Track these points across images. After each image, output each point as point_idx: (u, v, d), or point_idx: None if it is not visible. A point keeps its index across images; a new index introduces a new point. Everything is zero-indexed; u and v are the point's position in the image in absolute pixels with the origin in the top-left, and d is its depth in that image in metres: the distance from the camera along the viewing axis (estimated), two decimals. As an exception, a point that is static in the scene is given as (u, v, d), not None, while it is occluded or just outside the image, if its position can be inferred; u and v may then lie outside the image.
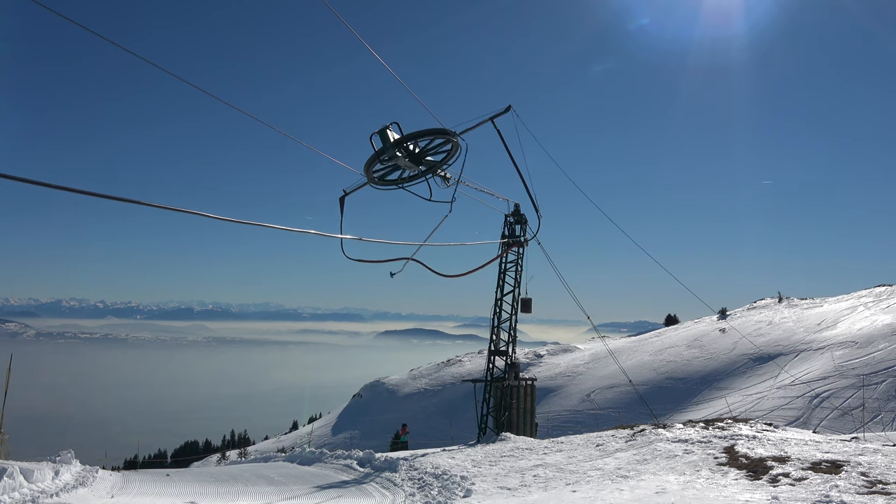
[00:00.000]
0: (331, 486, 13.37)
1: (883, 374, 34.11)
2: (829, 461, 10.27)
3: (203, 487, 12.68)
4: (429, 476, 12.62)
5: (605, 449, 14.49)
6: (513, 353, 21.37)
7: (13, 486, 9.55)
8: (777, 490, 8.67)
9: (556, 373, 59.46)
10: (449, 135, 13.20)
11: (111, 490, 11.60)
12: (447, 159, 14.02)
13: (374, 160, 13.07)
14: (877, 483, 8.46)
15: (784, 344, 46.94)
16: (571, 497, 9.51)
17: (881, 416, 29.29)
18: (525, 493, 10.63)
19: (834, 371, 36.66)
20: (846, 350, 40.04)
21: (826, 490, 8.24)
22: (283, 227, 8.67)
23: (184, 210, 6.86)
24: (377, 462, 15.25)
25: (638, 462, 12.42)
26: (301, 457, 18.10)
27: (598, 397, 50.04)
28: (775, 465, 10.33)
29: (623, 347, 61.99)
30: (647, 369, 52.15)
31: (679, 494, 8.85)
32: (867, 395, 31.20)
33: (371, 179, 13.95)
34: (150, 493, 11.77)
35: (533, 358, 66.24)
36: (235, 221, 7.70)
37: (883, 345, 38.44)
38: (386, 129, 12.63)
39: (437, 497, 10.81)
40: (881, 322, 43.30)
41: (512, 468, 13.10)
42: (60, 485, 10.73)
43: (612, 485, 10.31)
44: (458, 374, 66.27)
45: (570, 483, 11.05)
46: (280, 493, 12.28)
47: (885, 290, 53.85)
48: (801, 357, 42.98)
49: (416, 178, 13.98)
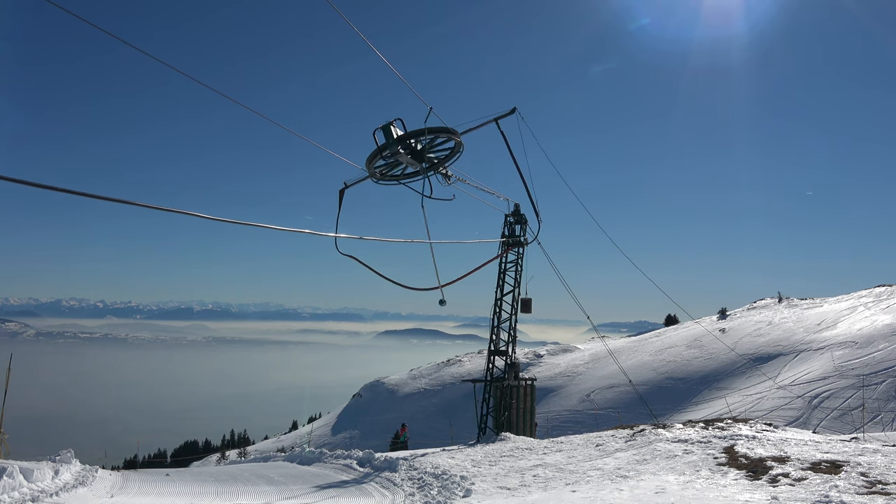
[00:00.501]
0: (330, 485, 13.37)
1: (883, 375, 34.11)
2: (829, 461, 10.27)
3: (203, 487, 12.68)
4: (428, 476, 12.62)
5: (604, 449, 14.49)
6: (512, 353, 21.37)
7: (13, 485, 9.55)
8: (777, 490, 8.68)
9: (555, 373, 59.45)
10: (451, 133, 13.23)
11: (111, 490, 11.60)
12: (449, 157, 14.05)
13: (376, 155, 13.09)
14: (876, 483, 8.46)
15: (784, 344, 46.93)
16: (571, 497, 9.51)
17: (881, 417, 29.29)
18: (525, 493, 10.63)
19: (834, 371, 36.65)
20: (846, 350, 40.03)
21: (826, 490, 8.25)
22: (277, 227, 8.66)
23: (179, 211, 6.87)
24: (377, 462, 15.25)
25: (638, 462, 12.42)
26: (301, 457, 18.11)
27: (597, 397, 50.04)
28: (775, 465, 10.33)
29: (623, 347, 61.98)
30: (646, 369, 52.14)
31: (679, 494, 8.85)
32: (867, 396, 31.20)
33: (372, 174, 13.97)
34: (150, 492, 11.77)
35: (533, 358, 66.23)
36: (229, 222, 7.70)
37: (883, 345, 38.44)
38: (390, 125, 12.66)
39: (436, 497, 10.81)
40: (881, 322, 43.30)
41: (512, 468, 13.10)
42: (60, 484, 10.73)
43: (611, 485, 10.31)
44: (458, 374, 66.27)
45: (569, 483, 11.05)
46: (280, 493, 12.28)
47: (884, 290, 53.84)
48: (800, 357, 42.97)
49: (417, 174, 14.00)
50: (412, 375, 72.84)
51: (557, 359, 65.25)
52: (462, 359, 73.33)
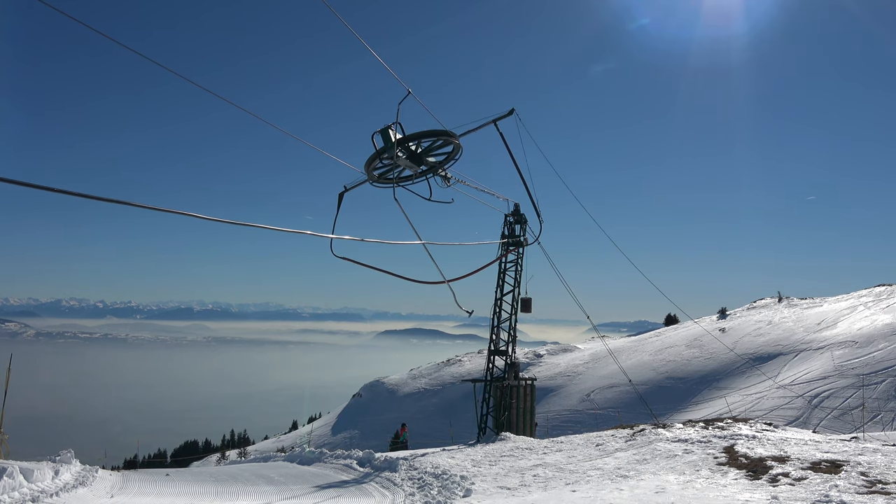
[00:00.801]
0: (331, 485, 13.37)
1: (882, 374, 34.11)
2: (829, 461, 10.27)
3: (203, 487, 12.67)
4: (428, 476, 12.62)
5: (604, 449, 14.50)
6: (512, 353, 21.38)
7: (13, 485, 9.55)
8: (777, 490, 8.68)
9: (555, 373, 59.45)
10: (450, 136, 13.23)
11: (111, 490, 11.60)
12: (448, 160, 14.06)
13: (374, 159, 13.11)
14: (876, 483, 8.46)
15: (784, 344, 46.93)
16: (571, 497, 9.51)
17: (881, 416, 29.29)
18: (525, 493, 10.63)
19: (833, 371, 36.65)
20: (846, 350, 40.02)
21: (826, 490, 8.25)
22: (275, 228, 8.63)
23: (179, 211, 6.86)
24: (377, 462, 15.25)
25: (638, 462, 12.42)
26: (301, 457, 18.11)
27: (597, 397, 50.04)
28: (775, 464, 10.33)
29: (623, 347, 61.97)
30: (646, 369, 52.14)
31: (679, 494, 8.86)
32: (867, 395, 31.20)
33: (371, 178, 13.98)
34: (150, 492, 11.77)
35: (533, 358, 66.22)
36: (229, 222, 7.70)
37: (883, 344, 38.44)
38: (388, 128, 12.66)
39: (436, 497, 10.81)
40: (881, 322, 43.29)
41: (512, 468, 13.10)
42: (60, 484, 10.73)
43: (611, 484, 10.32)
44: (458, 373, 66.26)
45: (569, 483, 11.06)
46: (280, 493, 12.28)
47: (884, 289, 53.83)
48: (800, 357, 42.97)
49: (416, 177, 14.02)
50: (412, 375, 72.83)
51: (557, 358, 65.24)
52: (462, 359, 73.32)
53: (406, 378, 72.49)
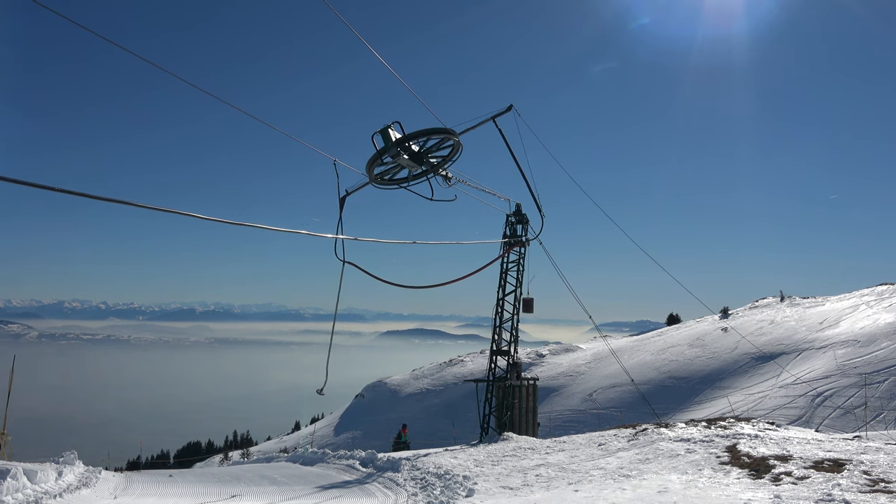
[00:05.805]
0: (333, 486, 13.40)
1: (885, 373, 34.04)
2: (832, 460, 10.26)
3: (206, 488, 12.70)
4: (431, 476, 12.63)
5: (607, 448, 14.49)
6: (515, 353, 21.38)
7: (17, 486, 9.58)
8: (779, 489, 8.67)
9: (557, 372, 59.40)
10: (450, 134, 13.23)
11: (114, 491, 11.62)
12: (448, 159, 14.05)
13: (375, 159, 13.11)
14: (879, 482, 8.45)
15: (786, 343, 46.85)
16: (574, 496, 9.52)
17: (883, 415, 29.24)
18: (527, 493, 10.63)
19: (836, 370, 36.59)
20: (848, 349, 39.95)
21: (828, 489, 8.24)
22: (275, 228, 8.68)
23: (181, 212, 6.88)
24: (379, 462, 15.27)
25: (640, 461, 12.42)
26: (304, 457, 18.14)
27: (600, 397, 50.00)
28: (777, 463, 10.32)
29: (625, 347, 61.91)
30: (649, 369, 52.09)
31: (681, 493, 8.86)
32: (869, 394, 31.14)
33: (373, 179, 13.98)
34: (153, 493, 11.80)
35: (535, 358, 66.17)
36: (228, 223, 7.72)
37: (885, 343, 38.36)
38: (388, 128, 12.66)
39: (439, 497, 10.81)
40: (883, 321, 43.20)
41: (514, 468, 13.10)
42: (64, 486, 10.75)
43: (614, 484, 10.32)
44: (461, 374, 66.21)
45: (572, 482, 11.06)
46: (283, 494, 12.30)
47: (887, 288, 53.71)
48: (803, 356, 42.90)
49: (417, 177, 14.01)
50: (414, 376, 72.80)
51: (559, 358, 65.19)
52: (464, 359, 73.28)
53: (408, 378, 72.46)
